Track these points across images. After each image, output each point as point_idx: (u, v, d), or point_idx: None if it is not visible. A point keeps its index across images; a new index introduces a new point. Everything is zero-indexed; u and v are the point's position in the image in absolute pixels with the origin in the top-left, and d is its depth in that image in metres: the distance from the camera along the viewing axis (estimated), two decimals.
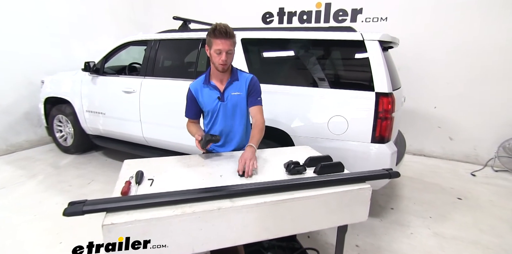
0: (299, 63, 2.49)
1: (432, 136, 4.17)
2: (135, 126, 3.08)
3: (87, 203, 0.97)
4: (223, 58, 1.55)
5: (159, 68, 3.00)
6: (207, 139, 1.49)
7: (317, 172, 1.34)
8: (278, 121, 2.36)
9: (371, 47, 2.13)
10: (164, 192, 1.08)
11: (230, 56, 1.58)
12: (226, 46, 1.52)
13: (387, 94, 2.08)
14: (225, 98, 1.69)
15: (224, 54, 1.54)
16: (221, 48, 1.52)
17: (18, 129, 4.24)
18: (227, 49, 1.54)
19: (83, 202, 0.98)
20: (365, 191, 1.21)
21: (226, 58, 1.55)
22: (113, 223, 0.91)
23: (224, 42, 1.51)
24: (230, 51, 1.56)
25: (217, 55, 1.56)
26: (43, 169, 3.49)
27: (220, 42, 1.51)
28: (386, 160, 2.10)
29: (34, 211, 2.55)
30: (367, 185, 1.24)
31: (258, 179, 1.30)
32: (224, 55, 1.54)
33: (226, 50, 1.53)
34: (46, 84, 3.87)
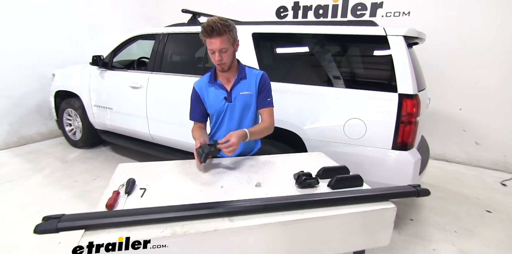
0: (314, 60, 2.30)
1: (456, 140, 3.89)
2: (142, 123, 2.98)
3: (63, 219, 0.84)
4: (217, 58, 1.40)
5: (167, 63, 2.86)
6: (206, 152, 1.31)
7: (331, 186, 1.17)
8: (289, 122, 2.19)
9: (395, 43, 1.92)
10: (154, 208, 0.94)
11: (227, 55, 1.42)
12: (217, 45, 1.36)
13: (412, 96, 1.87)
14: (233, 98, 1.53)
15: (217, 53, 1.38)
16: (213, 48, 1.37)
17: (30, 121, 4.24)
18: (220, 48, 1.37)
19: (59, 217, 0.85)
20: (388, 212, 1.04)
21: (221, 57, 1.40)
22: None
23: (214, 42, 1.35)
24: (225, 49, 1.39)
25: (212, 55, 1.42)
26: (50, 163, 3.45)
27: (210, 42, 1.37)
28: (409, 169, 1.90)
29: (37, 207, 2.51)
30: (391, 204, 1.06)
31: (263, 192, 1.14)
32: (217, 55, 1.39)
33: (218, 49, 1.37)
34: (57, 78, 3.83)
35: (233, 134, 1.35)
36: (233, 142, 1.31)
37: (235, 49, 1.47)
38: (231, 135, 1.35)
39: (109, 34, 5.02)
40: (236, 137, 1.33)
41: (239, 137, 1.35)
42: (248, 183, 1.22)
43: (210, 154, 1.31)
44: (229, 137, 1.34)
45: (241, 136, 1.37)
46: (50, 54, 4.30)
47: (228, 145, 1.30)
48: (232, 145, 1.30)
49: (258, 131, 1.49)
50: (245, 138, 1.40)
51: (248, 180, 1.25)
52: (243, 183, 1.22)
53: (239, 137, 1.35)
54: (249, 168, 1.38)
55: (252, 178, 1.26)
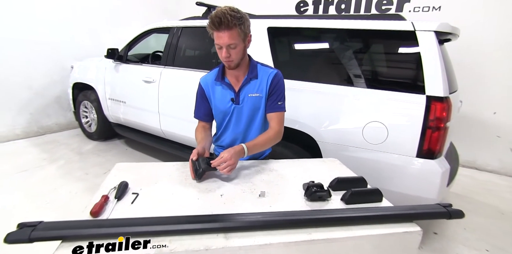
0: (333, 57, 2.12)
1: (488, 147, 3.59)
2: (153, 118, 2.92)
3: (39, 228, 0.76)
4: (224, 55, 1.24)
5: (180, 57, 2.77)
6: (203, 168, 1.15)
7: (345, 200, 1.03)
8: (303, 123, 2.04)
9: (425, 39, 1.72)
10: (141, 219, 0.83)
11: (235, 52, 1.25)
12: (225, 39, 1.20)
13: (442, 99, 1.68)
14: (240, 100, 1.38)
15: (224, 49, 1.23)
16: (220, 42, 1.22)
17: (49, 112, 4.33)
18: (227, 43, 1.21)
19: (35, 225, 0.76)
20: (412, 236, 0.88)
21: (228, 54, 1.24)
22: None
23: (221, 36, 1.20)
24: (233, 45, 1.23)
25: (219, 51, 1.26)
26: (65, 154, 3.49)
27: (217, 35, 1.21)
28: (435, 180, 1.71)
29: (47, 198, 2.52)
30: (416, 227, 0.90)
31: (267, 204, 1.01)
32: (224, 51, 1.23)
33: (226, 44, 1.21)
34: (75, 70, 3.86)
35: (226, 151, 1.21)
36: (225, 158, 1.16)
37: (246, 46, 1.30)
38: (224, 152, 1.20)
39: (128, 28, 5.02)
40: (229, 154, 1.17)
41: (234, 154, 1.20)
42: (252, 192, 1.10)
43: (207, 170, 1.17)
44: (222, 154, 1.19)
45: (236, 153, 1.21)
46: (70, 47, 4.36)
47: (223, 163, 1.15)
48: (226, 162, 1.15)
49: (260, 144, 1.33)
50: (242, 154, 1.25)
51: (252, 188, 1.12)
52: (245, 192, 1.09)
53: (235, 154, 1.20)
54: (254, 175, 1.25)
55: (256, 187, 1.14)
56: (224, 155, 1.16)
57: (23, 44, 3.83)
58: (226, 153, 1.17)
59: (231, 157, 1.16)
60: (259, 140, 1.33)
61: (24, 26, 3.80)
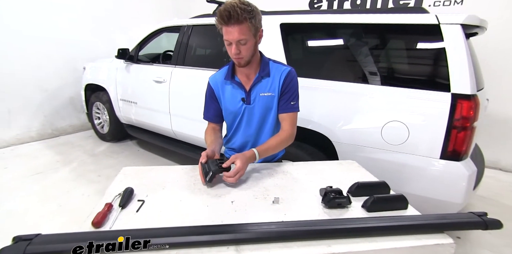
0: (349, 54, 2.02)
1: (510, 147, 3.40)
2: (165, 118, 2.88)
3: (35, 241, 0.71)
4: (233, 51, 1.16)
5: (191, 56, 2.73)
6: (213, 171, 1.08)
7: (367, 207, 0.94)
8: (318, 123, 1.95)
9: (450, 33, 1.60)
10: (145, 230, 0.77)
11: (246, 48, 1.17)
12: (234, 35, 1.12)
13: (469, 97, 1.56)
14: (252, 100, 1.30)
15: (234, 45, 1.15)
16: (229, 38, 1.14)
17: (63, 114, 4.37)
18: (237, 39, 1.13)
19: (31, 238, 0.71)
20: (445, 249, 0.79)
21: (238, 50, 1.16)
22: None
23: (231, 31, 1.11)
24: (244, 41, 1.14)
25: (229, 47, 1.18)
26: (78, 156, 3.50)
27: (226, 31, 1.13)
28: (461, 183, 1.59)
29: (60, 201, 2.52)
30: (448, 238, 0.81)
31: (281, 211, 0.94)
32: (234, 47, 1.15)
33: (235, 40, 1.13)
34: (87, 71, 3.87)
35: (238, 157, 1.13)
36: (239, 168, 1.09)
37: (257, 41, 1.22)
38: (236, 158, 1.12)
39: (140, 28, 5.02)
40: (241, 163, 1.10)
41: (246, 160, 1.13)
42: (265, 198, 1.02)
43: (217, 173, 1.10)
44: (233, 159, 1.12)
45: (248, 159, 1.15)
46: (82, 47, 4.37)
47: (234, 173, 1.08)
48: (239, 172, 1.09)
49: (272, 147, 1.25)
50: (253, 160, 1.19)
51: (265, 194, 1.05)
52: (258, 198, 1.02)
53: (247, 160, 1.14)
54: (267, 178, 1.18)
55: (269, 192, 1.06)
56: (237, 164, 1.10)
57: (33, 44, 3.84)
58: (238, 161, 1.10)
59: (242, 166, 1.10)
60: (270, 143, 1.25)
61: (34, 25, 3.81)
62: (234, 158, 1.12)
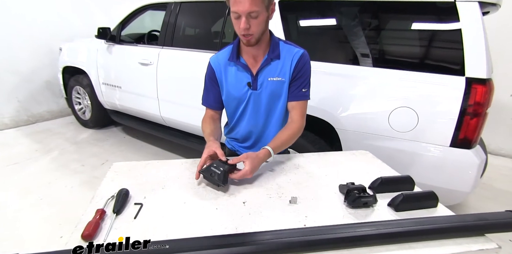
0: (355, 33, 1.89)
1: (503, 130, 3.42)
2: (152, 104, 2.69)
3: None
4: (242, 26, 0.98)
5: (179, 36, 2.51)
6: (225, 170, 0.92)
7: (395, 207, 0.85)
8: (321, 109, 1.83)
9: (467, 12, 1.48)
10: (152, 245, 0.64)
11: (257, 22, 0.99)
12: (245, 5, 0.94)
13: (484, 81, 1.47)
14: (259, 85, 1.15)
15: (244, 18, 0.97)
16: (238, 9, 0.96)
17: (40, 99, 4.07)
18: (248, 11, 0.95)
19: None
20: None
21: (248, 25, 0.98)
22: None
23: (241, 0, 0.94)
24: (255, 14, 0.97)
25: (236, 21, 1.01)
26: (59, 144, 3.28)
27: (234, 1, 0.96)
28: (471, 171, 1.54)
29: (41, 194, 2.34)
30: (491, 242, 0.72)
31: (302, 212, 0.83)
32: (244, 21, 0.97)
33: (246, 12, 0.95)
34: (64, 52, 3.56)
35: (249, 157, 0.97)
36: (245, 173, 0.95)
37: (269, 16, 1.05)
38: (246, 158, 0.97)
39: (122, 5, 4.65)
40: (252, 164, 0.96)
41: (259, 162, 1.00)
42: (280, 197, 0.91)
43: (230, 172, 0.95)
44: (243, 159, 0.97)
45: (261, 160, 1.01)
46: (57, 26, 4.02)
47: (240, 177, 0.95)
48: (246, 176, 0.95)
49: (285, 143, 1.11)
50: (267, 158, 1.05)
51: (279, 192, 0.93)
52: (272, 197, 0.91)
53: (259, 161, 1.00)
54: (278, 174, 1.06)
55: (284, 190, 0.95)
56: (246, 167, 0.95)
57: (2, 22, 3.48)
58: (248, 164, 0.96)
59: (251, 170, 0.96)
60: (283, 138, 1.11)
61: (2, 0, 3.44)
62: (245, 157, 0.98)
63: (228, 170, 0.93)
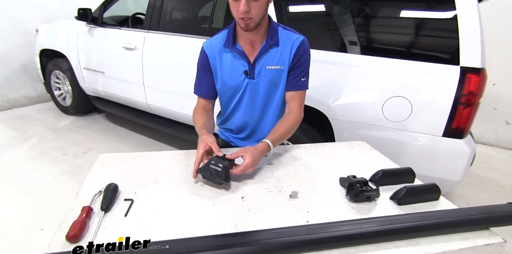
0: (350, 21, 1.82)
1: (484, 119, 3.48)
2: (138, 91, 2.57)
3: None
4: (242, 8, 0.90)
5: (166, 20, 2.38)
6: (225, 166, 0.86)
7: (398, 200, 0.83)
8: (313, 97, 1.78)
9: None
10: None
11: (257, 5, 0.92)
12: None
13: (478, 70, 1.46)
14: (256, 74, 1.08)
15: (243, 0, 0.89)
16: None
17: (15, 83, 3.85)
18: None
19: None
20: (494, 249, 0.70)
21: (248, 7, 0.90)
22: None
23: None
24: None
25: (235, 3, 0.93)
26: (38, 131, 3.12)
27: None
28: (462, 161, 1.55)
29: (19, 184, 2.23)
30: (497, 236, 0.72)
31: (302, 208, 0.80)
32: (243, 3, 0.89)
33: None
34: (41, 34, 3.33)
35: (248, 151, 0.92)
36: (247, 166, 0.89)
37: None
38: (245, 152, 0.92)
39: None
40: (252, 157, 0.91)
41: (258, 155, 0.94)
42: (279, 191, 0.87)
43: (230, 165, 0.90)
44: (242, 153, 0.92)
45: (261, 153, 0.95)
46: (33, 6, 3.75)
47: (241, 171, 0.89)
48: (247, 169, 0.90)
49: (284, 135, 1.07)
50: (267, 152, 1.00)
51: (278, 186, 0.90)
52: (272, 192, 0.87)
53: (259, 155, 0.95)
54: (276, 166, 1.02)
55: (283, 183, 0.91)
56: (246, 160, 0.90)
57: None
58: (248, 157, 0.90)
59: (252, 163, 0.90)
60: (282, 131, 1.06)
61: None
62: (243, 151, 0.92)
63: (228, 165, 0.88)
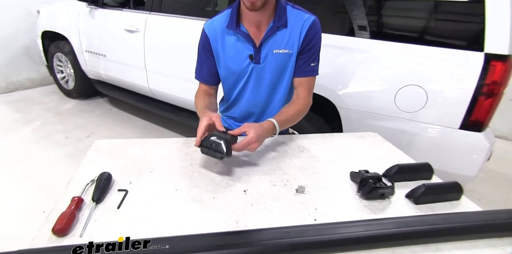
0: (360, 4, 1.70)
1: (498, 111, 3.38)
2: (140, 75, 2.49)
3: None
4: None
5: (169, 1, 2.27)
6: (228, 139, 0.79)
7: (415, 199, 0.75)
8: (321, 84, 1.67)
9: None
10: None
11: None
12: None
13: (505, 58, 1.35)
14: (262, 59, 0.99)
15: None
16: None
17: (19, 66, 3.80)
18: None
19: None
20: None
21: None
22: None
23: None
24: None
25: None
26: (41, 114, 3.10)
27: None
28: (478, 155, 1.46)
29: (22, 166, 2.22)
30: None
31: (309, 204, 0.73)
32: None
33: None
34: (42, 15, 3.24)
35: (252, 126, 0.84)
36: (250, 140, 0.81)
37: None
38: (248, 127, 0.84)
39: None
40: (256, 132, 0.82)
41: (263, 132, 0.85)
42: (285, 185, 0.80)
43: (233, 142, 0.82)
44: (245, 129, 0.84)
45: (265, 131, 0.87)
46: None
47: (244, 145, 0.81)
48: (250, 144, 0.81)
49: (291, 119, 0.99)
50: (272, 133, 0.92)
51: (284, 180, 0.83)
52: (276, 185, 0.80)
53: (263, 132, 0.86)
54: (282, 157, 0.95)
55: (289, 176, 0.84)
56: (249, 134, 0.82)
57: None
58: (252, 131, 0.82)
59: (256, 138, 0.82)
60: (289, 114, 0.98)
61: None
62: (247, 127, 0.84)
63: (230, 139, 0.80)
